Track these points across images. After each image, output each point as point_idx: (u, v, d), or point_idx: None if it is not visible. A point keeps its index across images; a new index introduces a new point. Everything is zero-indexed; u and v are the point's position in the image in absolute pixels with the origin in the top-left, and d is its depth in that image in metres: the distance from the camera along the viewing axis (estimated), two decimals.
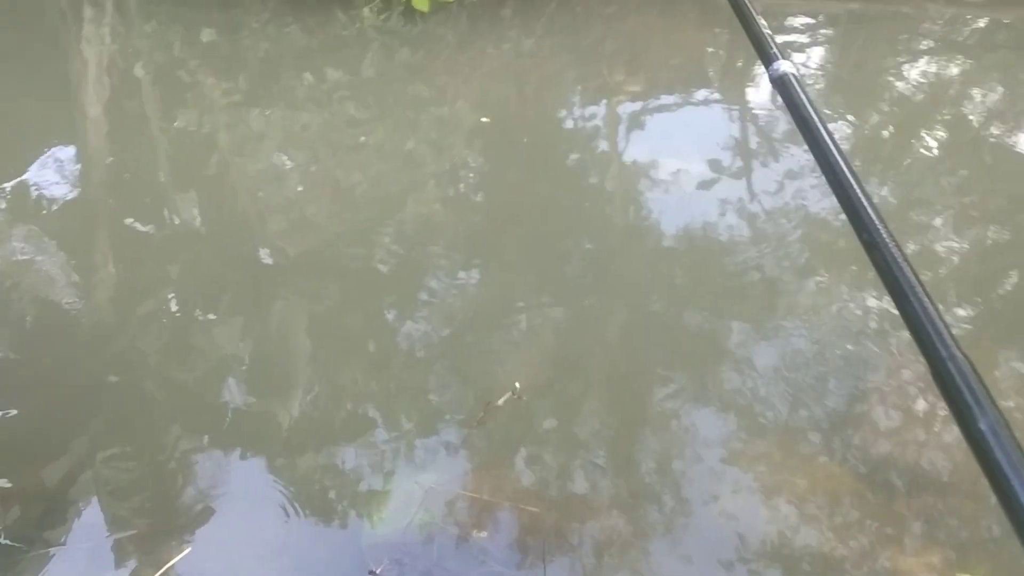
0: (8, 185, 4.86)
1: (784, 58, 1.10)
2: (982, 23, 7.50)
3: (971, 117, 5.95)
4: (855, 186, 0.90)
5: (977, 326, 3.91)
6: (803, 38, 7.30)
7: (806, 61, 6.91)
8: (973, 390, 0.68)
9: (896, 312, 0.78)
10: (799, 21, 7.52)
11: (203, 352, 3.72)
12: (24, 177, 4.93)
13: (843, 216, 3.55)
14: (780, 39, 5.53)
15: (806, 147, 1.00)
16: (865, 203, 0.88)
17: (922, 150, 5.48)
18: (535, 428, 3.29)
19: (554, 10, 7.13)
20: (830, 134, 0.98)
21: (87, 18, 6.87)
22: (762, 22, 1.17)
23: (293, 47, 6.53)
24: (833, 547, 2.87)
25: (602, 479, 3.11)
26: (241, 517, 3.00)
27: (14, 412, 3.36)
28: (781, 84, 1.07)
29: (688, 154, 5.26)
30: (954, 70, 6.69)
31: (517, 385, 3.33)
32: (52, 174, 5.00)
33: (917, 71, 6.71)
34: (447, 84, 6.23)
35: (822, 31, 7.53)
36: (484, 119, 5.66)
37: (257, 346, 3.75)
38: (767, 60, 1.11)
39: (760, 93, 6.38)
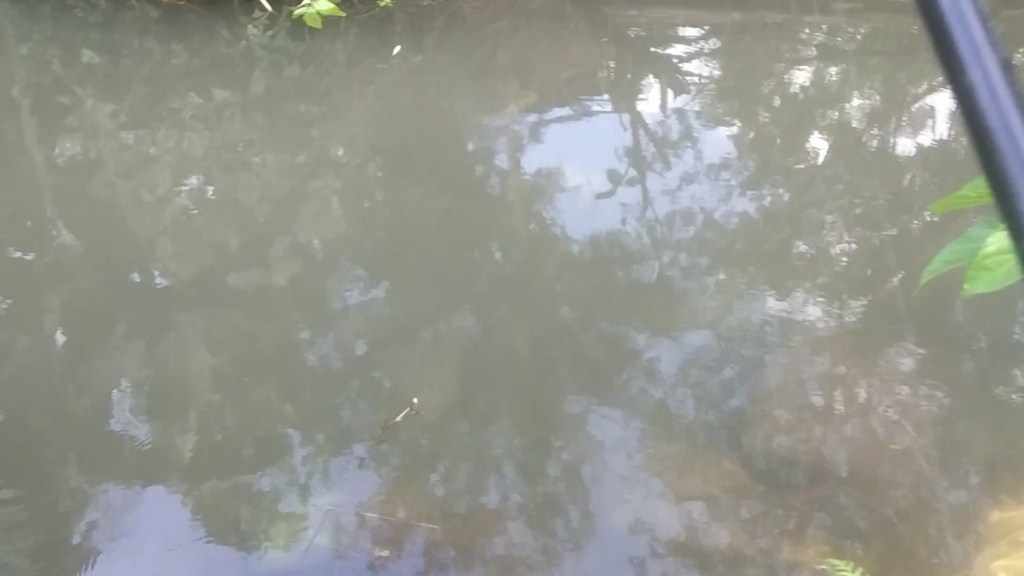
0: None
1: None
2: (861, 31, 7.78)
3: (854, 120, 6.14)
4: None
5: (867, 322, 4.01)
6: (690, 48, 7.46)
7: (697, 70, 7.06)
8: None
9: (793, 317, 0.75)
10: (686, 32, 7.68)
11: (93, 384, 3.55)
12: None
13: (739, 220, 3.51)
14: (668, 51, 5.60)
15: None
16: None
17: (810, 153, 5.63)
18: (440, 443, 3.23)
19: (444, 25, 7.11)
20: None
21: None
22: None
23: (177, 67, 6.36)
24: (735, 537, 2.89)
25: (508, 491, 3.06)
26: (136, 553, 2.87)
27: None
28: None
29: (586, 163, 5.29)
30: (836, 76, 6.91)
31: (415, 400, 3.26)
32: None
33: (801, 77, 6.91)
34: (341, 101, 6.15)
35: (709, 41, 7.70)
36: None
37: (151, 376, 3.61)
38: None
39: (650, 103, 6.48)
